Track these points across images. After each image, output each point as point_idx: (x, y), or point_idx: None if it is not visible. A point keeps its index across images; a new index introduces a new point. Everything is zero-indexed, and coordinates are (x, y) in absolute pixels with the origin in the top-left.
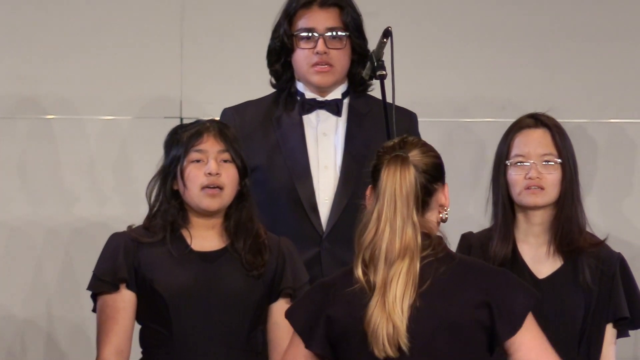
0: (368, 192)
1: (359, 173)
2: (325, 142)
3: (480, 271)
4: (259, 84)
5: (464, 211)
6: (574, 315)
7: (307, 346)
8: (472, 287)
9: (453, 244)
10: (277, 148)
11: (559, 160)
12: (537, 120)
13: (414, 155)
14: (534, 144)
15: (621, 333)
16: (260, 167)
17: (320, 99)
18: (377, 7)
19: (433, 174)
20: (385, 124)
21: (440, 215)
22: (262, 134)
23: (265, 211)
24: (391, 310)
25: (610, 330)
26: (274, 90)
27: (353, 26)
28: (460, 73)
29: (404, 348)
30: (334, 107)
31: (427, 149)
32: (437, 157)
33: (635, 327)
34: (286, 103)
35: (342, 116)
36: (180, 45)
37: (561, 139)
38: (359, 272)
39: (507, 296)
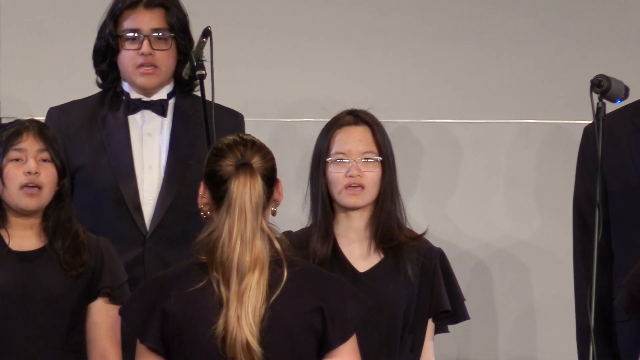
0: (201, 190)
1: (184, 173)
2: (150, 142)
3: (317, 277)
4: (79, 84)
5: (288, 211)
6: (394, 308)
7: (141, 340)
8: (308, 292)
9: None
10: (102, 148)
11: (379, 158)
12: (357, 117)
13: (256, 161)
14: (355, 142)
15: (441, 328)
16: (84, 167)
17: (145, 99)
18: (200, 7)
19: (272, 177)
20: (205, 123)
21: (273, 209)
22: (87, 133)
23: (89, 211)
24: (244, 324)
25: (430, 325)
26: (99, 89)
27: (179, 27)
28: (285, 73)
29: (259, 355)
30: (159, 108)
31: (265, 152)
32: (273, 158)
33: (455, 322)
34: (112, 103)
35: (168, 117)
36: None
37: (381, 137)
38: (212, 279)
39: (340, 304)
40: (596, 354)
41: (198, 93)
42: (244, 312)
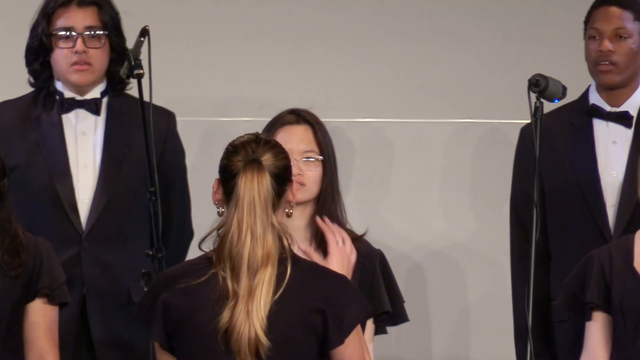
0: (215, 186)
1: (119, 173)
2: (84, 141)
3: (320, 277)
4: (9, 84)
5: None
6: None
7: (150, 337)
8: (310, 292)
9: None
10: (37, 148)
11: (321, 157)
12: (298, 116)
13: (267, 159)
14: (296, 141)
15: (380, 330)
16: (19, 167)
17: (79, 98)
18: (136, 6)
19: (284, 177)
20: (143, 123)
21: (287, 210)
22: (21, 133)
23: (25, 211)
24: (255, 318)
25: (369, 327)
26: (31, 89)
27: (111, 25)
28: (219, 72)
29: (262, 354)
30: (92, 106)
31: (278, 151)
32: (287, 157)
33: (394, 323)
34: (45, 102)
35: (102, 115)
36: None
37: (322, 136)
38: (217, 273)
39: (341, 305)
40: (534, 354)
41: (131, 92)
42: (256, 307)
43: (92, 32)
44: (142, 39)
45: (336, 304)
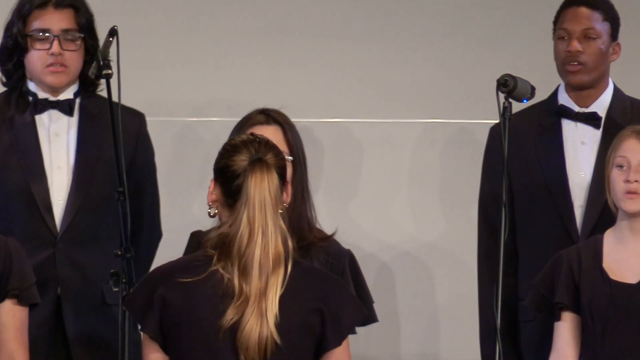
0: (211, 187)
1: (92, 174)
2: (57, 142)
3: (319, 278)
4: None
5: (189, 210)
6: None
7: (142, 328)
8: (310, 293)
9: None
10: (11, 149)
11: (291, 158)
12: (268, 116)
13: (270, 158)
14: None
15: None
16: None
17: (52, 98)
18: (107, 7)
19: (283, 176)
20: (112, 123)
21: (280, 211)
22: None
23: None
24: (270, 317)
25: None
26: (4, 90)
27: (87, 27)
28: (191, 73)
29: (269, 353)
30: (66, 107)
31: (278, 151)
32: (284, 158)
33: (364, 323)
34: (18, 103)
35: (74, 116)
36: None
37: (293, 137)
38: (218, 271)
39: (339, 307)
40: (502, 354)
41: (102, 92)
42: (270, 306)
43: (69, 35)
44: (110, 39)
45: (334, 305)
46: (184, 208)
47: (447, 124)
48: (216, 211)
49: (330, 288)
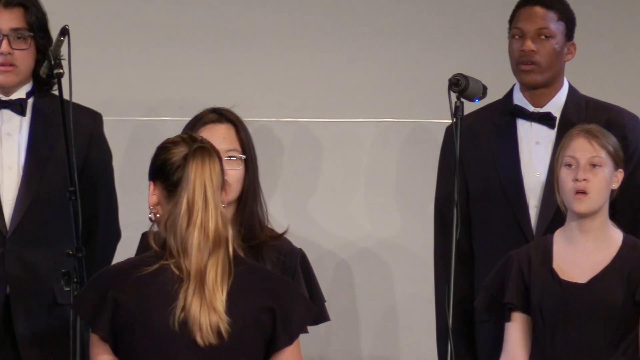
0: (151, 189)
1: (43, 174)
2: (9, 142)
3: (266, 276)
4: None
5: (145, 210)
6: None
7: (93, 330)
8: (260, 291)
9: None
10: None
11: (243, 156)
12: (220, 115)
13: (212, 147)
14: (219, 140)
15: None
16: None
17: (4, 98)
18: (58, 6)
19: (222, 168)
20: (63, 122)
21: (223, 205)
22: None
23: None
24: (212, 297)
25: None
26: None
27: (38, 26)
28: (144, 72)
29: (224, 333)
30: (18, 107)
31: (212, 145)
32: (221, 158)
33: (315, 322)
34: None
35: (27, 116)
36: None
37: (245, 135)
38: (168, 264)
39: (290, 306)
40: (456, 355)
41: (56, 92)
42: (213, 290)
43: (18, 34)
44: (62, 38)
45: (285, 304)
46: (137, 208)
47: (403, 123)
48: (157, 215)
49: (279, 287)
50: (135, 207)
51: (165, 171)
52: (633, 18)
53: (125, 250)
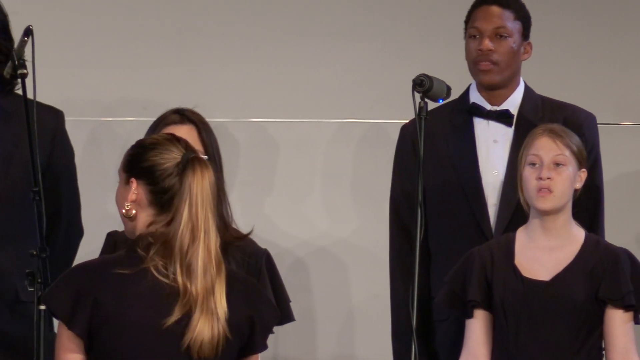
0: (134, 187)
1: (6, 173)
2: None
3: (240, 280)
4: None
5: (103, 210)
6: None
7: (69, 327)
8: (241, 300)
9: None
10: None
11: (206, 157)
12: (182, 116)
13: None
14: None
15: None
16: None
17: None
18: (22, 6)
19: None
20: (27, 122)
21: None
22: None
23: None
24: (221, 315)
25: None
26: None
27: (0, 27)
28: (105, 72)
29: (220, 347)
30: None
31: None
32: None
33: (280, 323)
34: None
35: None
36: None
37: (207, 136)
38: (152, 270)
39: (262, 310)
40: (412, 354)
41: (19, 91)
42: (219, 304)
43: None
44: (25, 38)
45: (259, 309)
46: (98, 207)
47: (361, 123)
48: (134, 212)
49: (253, 292)
50: (94, 208)
51: (155, 175)
52: (588, 17)
53: (81, 249)
